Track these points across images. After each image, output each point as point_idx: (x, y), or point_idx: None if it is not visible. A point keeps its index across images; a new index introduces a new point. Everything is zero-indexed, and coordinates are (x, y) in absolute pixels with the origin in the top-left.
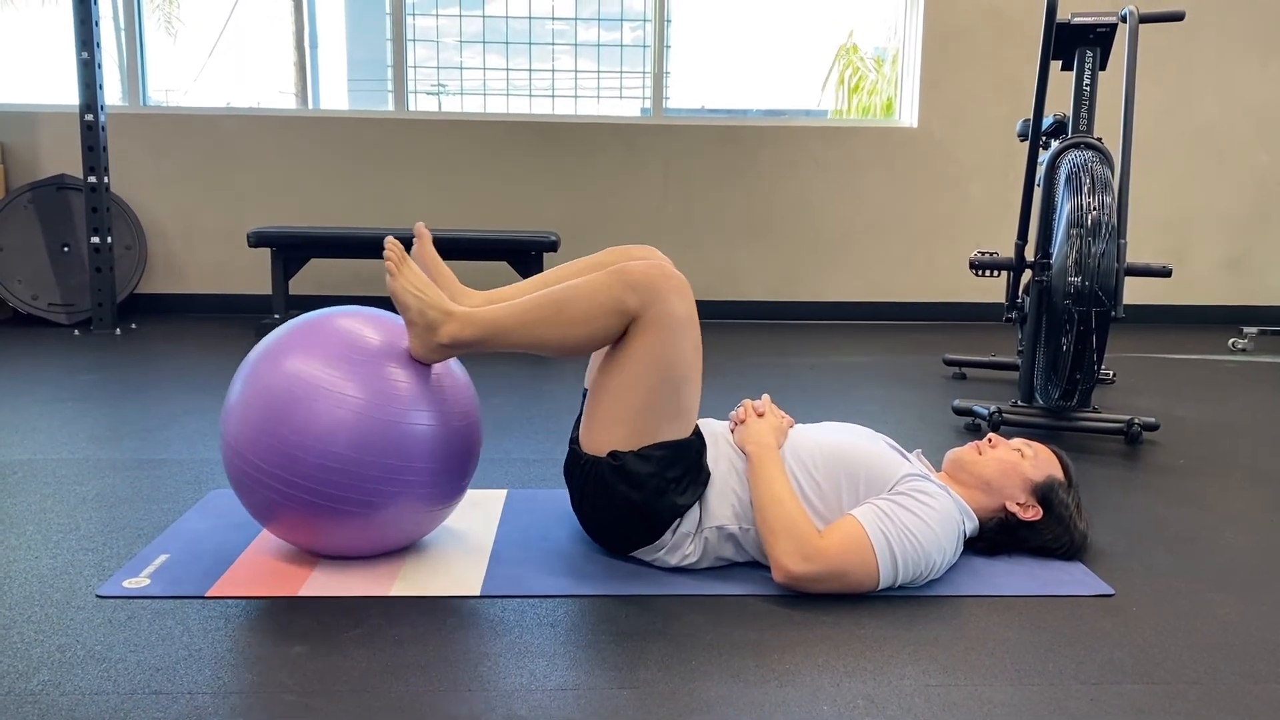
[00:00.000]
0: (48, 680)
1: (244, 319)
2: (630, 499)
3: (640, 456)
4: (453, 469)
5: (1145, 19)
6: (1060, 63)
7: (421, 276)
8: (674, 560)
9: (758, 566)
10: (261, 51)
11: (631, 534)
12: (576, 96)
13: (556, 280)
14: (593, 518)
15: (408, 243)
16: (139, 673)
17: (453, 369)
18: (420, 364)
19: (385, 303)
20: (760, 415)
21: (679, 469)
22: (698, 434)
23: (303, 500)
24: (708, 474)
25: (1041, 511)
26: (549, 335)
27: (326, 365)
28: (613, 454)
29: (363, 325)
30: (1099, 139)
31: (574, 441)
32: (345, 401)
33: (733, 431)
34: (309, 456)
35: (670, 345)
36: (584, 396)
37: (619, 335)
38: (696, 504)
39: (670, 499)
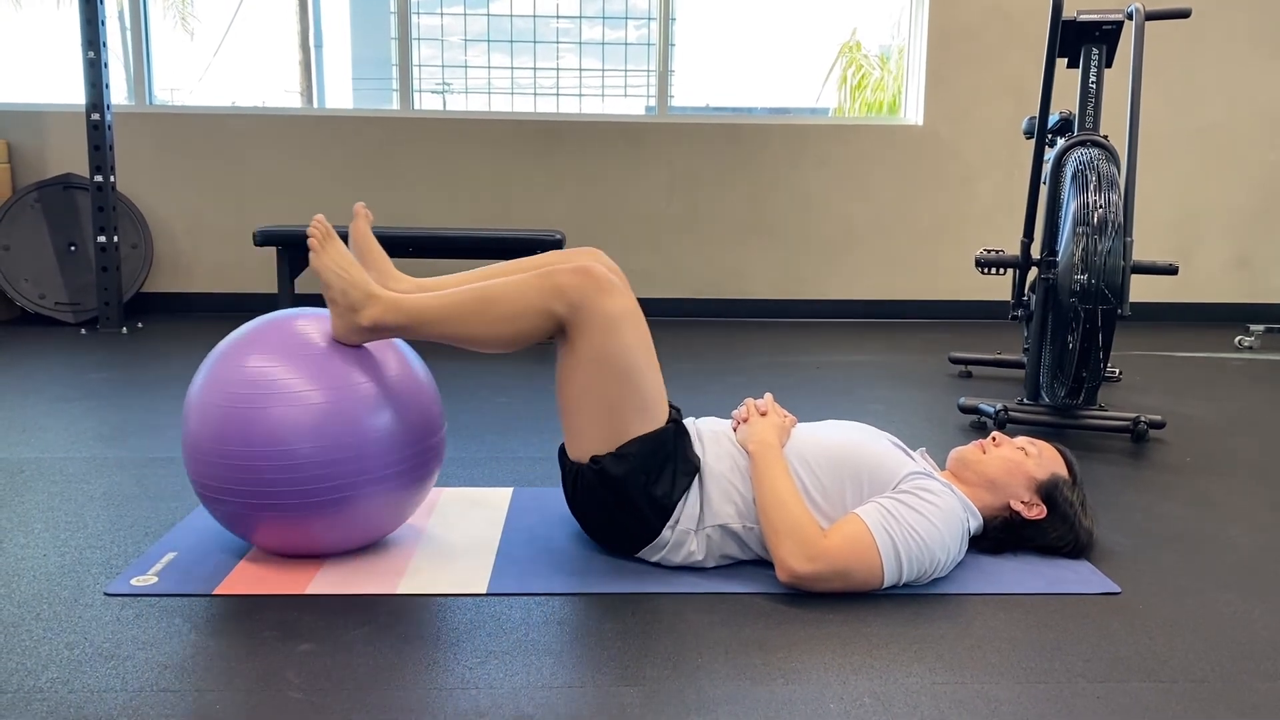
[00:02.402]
0: (56, 677)
1: (249, 318)
2: (616, 501)
3: (617, 457)
4: (412, 452)
5: (1151, 16)
6: (1066, 60)
7: (347, 256)
8: (678, 559)
9: (763, 564)
10: (267, 50)
11: (628, 535)
12: (581, 95)
13: (490, 277)
14: (589, 522)
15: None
16: (147, 670)
17: (400, 350)
18: (345, 346)
19: None
20: (763, 414)
21: (658, 460)
22: (673, 421)
23: (271, 507)
24: (694, 464)
25: (1046, 510)
26: (474, 330)
27: (277, 364)
28: (593, 459)
29: (309, 325)
30: (1105, 136)
31: (562, 450)
32: (299, 399)
33: (735, 430)
34: (267, 465)
35: (612, 344)
36: None
37: (546, 336)
38: (697, 500)
39: (653, 493)
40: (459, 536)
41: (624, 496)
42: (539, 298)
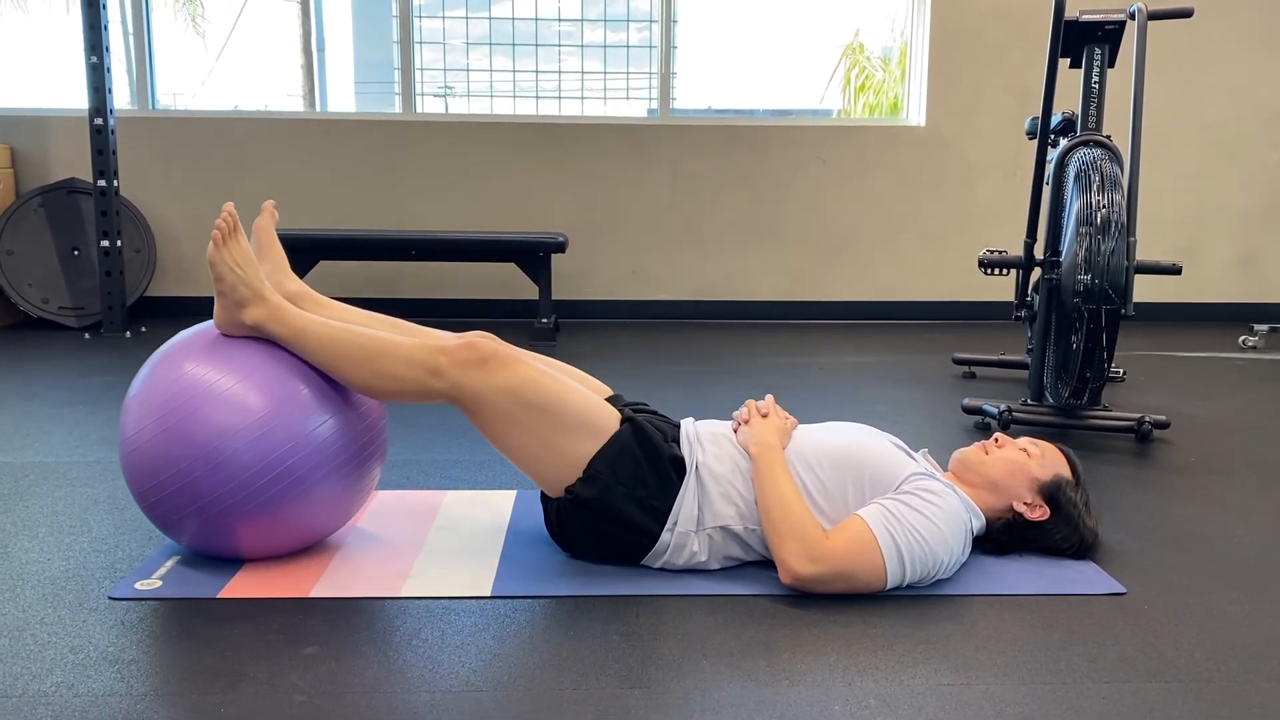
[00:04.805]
0: (61, 682)
1: None
2: (604, 520)
3: (586, 480)
4: (351, 435)
5: (1154, 15)
6: (1069, 60)
7: (246, 254)
8: (681, 561)
9: (767, 566)
10: (269, 54)
11: (627, 548)
12: (583, 98)
13: (383, 327)
14: (590, 550)
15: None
16: (151, 674)
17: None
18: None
19: (397, 305)
20: (764, 415)
21: (628, 467)
22: (626, 421)
23: (230, 508)
24: (669, 456)
25: (1049, 511)
26: (351, 372)
27: (208, 367)
28: (567, 490)
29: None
30: (1108, 136)
31: (542, 494)
32: (231, 401)
33: (736, 432)
34: (201, 468)
35: (512, 400)
36: None
37: (429, 402)
38: (695, 501)
39: (639, 498)
40: (463, 539)
41: (611, 513)
42: (422, 374)
